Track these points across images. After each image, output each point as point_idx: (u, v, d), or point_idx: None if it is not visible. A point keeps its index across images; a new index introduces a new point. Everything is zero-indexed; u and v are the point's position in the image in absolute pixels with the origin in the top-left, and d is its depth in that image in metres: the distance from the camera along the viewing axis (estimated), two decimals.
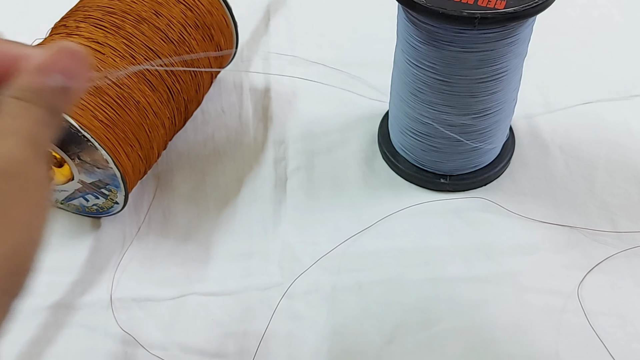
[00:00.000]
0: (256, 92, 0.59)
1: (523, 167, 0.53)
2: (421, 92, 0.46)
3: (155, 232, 0.49)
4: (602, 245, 0.47)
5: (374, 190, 0.52)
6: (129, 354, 0.42)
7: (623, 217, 0.49)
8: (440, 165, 0.50)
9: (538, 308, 0.44)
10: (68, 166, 0.45)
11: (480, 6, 0.39)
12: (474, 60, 0.42)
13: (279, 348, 0.43)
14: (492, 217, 0.49)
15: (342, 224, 0.49)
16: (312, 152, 0.54)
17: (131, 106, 0.45)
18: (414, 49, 0.44)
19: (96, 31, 0.46)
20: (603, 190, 0.51)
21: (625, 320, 0.43)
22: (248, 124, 0.57)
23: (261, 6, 0.68)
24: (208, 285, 0.46)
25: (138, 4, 0.48)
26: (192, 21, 0.50)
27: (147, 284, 0.46)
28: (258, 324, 0.44)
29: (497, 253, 0.47)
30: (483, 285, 0.45)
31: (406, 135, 0.50)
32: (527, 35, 0.44)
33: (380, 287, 0.45)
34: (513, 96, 0.48)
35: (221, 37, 0.53)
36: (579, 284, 0.45)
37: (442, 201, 0.50)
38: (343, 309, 0.44)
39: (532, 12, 0.39)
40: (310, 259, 0.47)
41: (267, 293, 0.45)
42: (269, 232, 0.49)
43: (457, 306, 0.44)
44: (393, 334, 0.43)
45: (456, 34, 0.41)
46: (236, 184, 0.52)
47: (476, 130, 0.47)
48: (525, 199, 0.50)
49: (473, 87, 0.44)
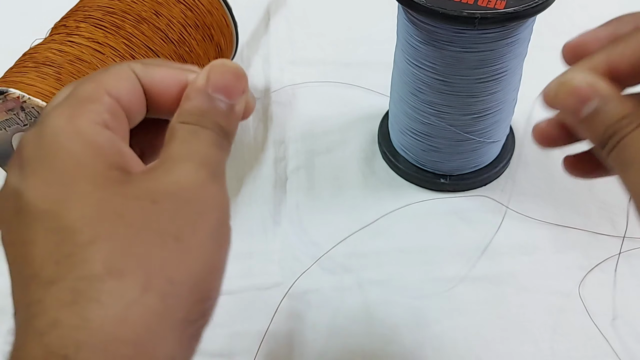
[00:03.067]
0: (256, 92, 0.59)
1: (523, 167, 0.53)
2: (421, 92, 0.46)
3: None
4: (602, 245, 0.47)
5: (374, 190, 0.52)
6: None
7: (623, 218, 0.49)
8: (440, 165, 0.50)
9: (538, 308, 0.44)
10: None
11: (480, 6, 0.39)
12: (474, 60, 0.42)
13: (280, 348, 0.43)
14: (492, 217, 0.49)
15: (342, 224, 0.49)
16: (312, 152, 0.54)
17: None
18: (414, 49, 0.44)
19: (96, 31, 0.46)
20: (603, 190, 0.51)
21: (626, 320, 0.43)
22: (248, 124, 0.57)
23: (261, 6, 0.68)
24: None
25: (138, 4, 0.48)
26: (192, 21, 0.50)
27: None
28: (258, 323, 0.43)
29: (497, 253, 0.47)
30: (483, 285, 0.45)
31: (406, 135, 0.50)
32: (527, 35, 0.44)
33: (380, 287, 0.45)
34: (513, 96, 0.48)
35: (221, 37, 0.53)
36: (578, 284, 0.45)
37: (442, 201, 0.50)
38: (343, 308, 0.44)
39: (532, 12, 0.39)
40: (310, 259, 0.47)
41: (268, 293, 0.45)
42: (269, 232, 0.49)
43: (457, 306, 0.44)
44: (393, 334, 0.43)
45: (456, 34, 0.41)
46: (236, 184, 0.52)
47: (476, 130, 0.47)
48: (525, 199, 0.50)
49: (473, 87, 0.44)
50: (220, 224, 0.23)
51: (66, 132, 0.22)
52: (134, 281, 0.20)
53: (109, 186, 0.21)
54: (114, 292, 0.20)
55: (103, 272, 0.20)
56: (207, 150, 0.23)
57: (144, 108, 0.25)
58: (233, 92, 0.24)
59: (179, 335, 0.21)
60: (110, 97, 0.23)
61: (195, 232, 0.21)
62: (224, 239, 0.23)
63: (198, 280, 0.21)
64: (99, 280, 0.20)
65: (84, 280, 0.20)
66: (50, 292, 0.20)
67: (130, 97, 0.24)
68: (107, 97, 0.23)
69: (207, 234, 0.22)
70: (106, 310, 0.19)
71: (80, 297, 0.19)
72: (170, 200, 0.21)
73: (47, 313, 0.19)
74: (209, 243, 0.22)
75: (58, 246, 0.20)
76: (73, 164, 0.21)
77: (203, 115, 0.24)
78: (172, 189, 0.22)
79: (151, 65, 0.25)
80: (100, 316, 0.19)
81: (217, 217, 0.22)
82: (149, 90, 0.25)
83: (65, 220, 0.20)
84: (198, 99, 0.24)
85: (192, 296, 0.21)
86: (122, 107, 0.24)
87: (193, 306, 0.21)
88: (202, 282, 0.22)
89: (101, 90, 0.23)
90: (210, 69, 0.24)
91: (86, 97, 0.23)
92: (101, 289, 0.20)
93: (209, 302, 0.22)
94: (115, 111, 0.23)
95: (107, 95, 0.23)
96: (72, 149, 0.22)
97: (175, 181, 0.22)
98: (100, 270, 0.20)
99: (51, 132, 0.22)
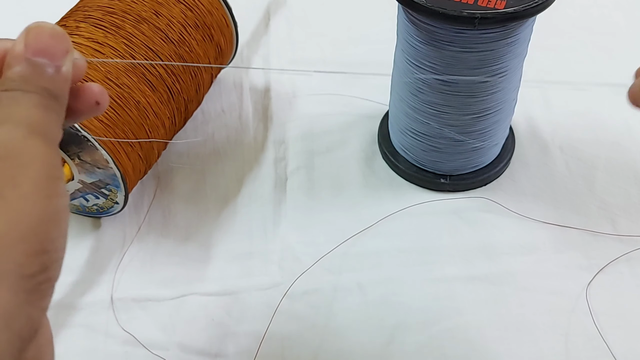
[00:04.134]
0: (256, 92, 0.59)
1: (523, 167, 0.53)
2: (421, 92, 0.46)
3: (156, 232, 0.49)
4: (602, 245, 0.47)
5: (374, 190, 0.52)
6: (129, 353, 0.43)
7: (623, 217, 0.49)
8: (440, 165, 0.50)
9: (537, 308, 0.44)
10: (68, 166, 0.45)
11: (480, 6, 0.39)
12: (474, 60, 0.42)
13: (280, 348, 0.43)
14: (492, 217, 0.49)
15: (342, 224, 0.49)
16: (312, 152, 0.54)
17: (131, 106, 0.45)
18: (414, 49, 0.44)
19: (96, 31, 0.46)
20: (603, 190, 0.51)
21: (627, 321, 0.43)
22: (248, 124, 0.57)
23: (261, 6, 0.68)
24: (208, 285, 0.46)
25: (138, 4, 0.48)
26: (192, 21, 0.50)
27: (147, 284, 0.46)
28: (258, 324, 0.43)
29: (497, 253, 0.47)
30: (483, 285, 0.45)
31: (406, 135, 0.50)
32: (527, 35, 0.44)
33: (380, 287, 0.45)
34: (513, 96, 0.48)
35: (221, 37, 0.53)
36: (579, 284, 0.45)
37: (442, 201, 0.50)
38: (343, 309, 0.44)
39: (532, 12, 0.39)
40: (310, 259, 0.47)
41: (268, 293, 0.45)
42: (269, 232, 0.49)
43: (457, 306, 0.44)
44: (393, 334, 0.43)
45: (456, 34, 0.41)
46: (236, 184, 0.52)
47: (476, 130, 0.47)
48: (525, 199, 0.50)
49: (473, 87, 0.44)
50: (45, 177, 0.22)
51: None
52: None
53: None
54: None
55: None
56: (26, 112, 0.23)
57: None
58: (54, 54, 0.24)
59: (12, 288, 0.21)
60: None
61: (15, 186, 0.21)
62: (52, 192, 0.22)
63: (26, 232, 0.21)
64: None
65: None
66: None
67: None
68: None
69: (29, 187, 0.22)
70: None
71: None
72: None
73: None
74: (32, 196, 0.22)
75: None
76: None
77: (25, 81, 0.24)
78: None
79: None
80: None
81: (38, 170, 0.22)
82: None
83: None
84: (18, 65, 0.24)
85: (20, 248, 0.21)
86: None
87: (25, 258, 0.21)
88: (33, 234, 0.21)
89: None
90: (26, 33, 0.24)
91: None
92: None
93: (46, 255, 0.22)
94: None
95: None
96: None
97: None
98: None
99: None
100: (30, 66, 0.24)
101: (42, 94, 0.24)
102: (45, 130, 0.23)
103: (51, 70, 0.24)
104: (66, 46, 0.25)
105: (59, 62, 0.24)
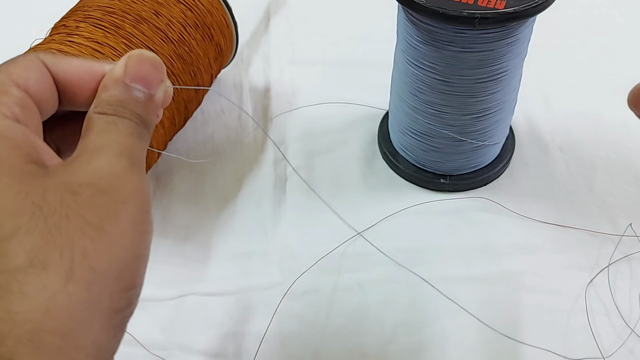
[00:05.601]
0: (256, 92, 0.59)
1: (523, 167, 0.53)
2: (421, 92, 0.46)
3: (155, 232, 0.48)
4: (602, 245, 0.47)
5: (374, 190, 0.52)
6: (129, 353, 0.42)
7: (623, 217, 0.49)
8: (440, 165, 0.50)
9: (537, 308, 0.44)
10: None
11: (480, 6, 0.39)
12: (473, 60, 0.42)
13: (280, 348, 0.43)
14: (492, 217, 0.49)
15: (342, 224, 0.49)
16: (312, 152, 0.54)
17: None
18: (414, 49, 0.44)
19: (96, 31, 0.46)
20: (603, 190, 0.51)
21: (627, 321, 0.43)
22: (248, 124, 0.57)
23: (261, 6, 0.68)
24: (208, 285, 0.46)
25: (138, 4, 0.48)
26: (192, 21, 0.50)
27: (147, 283, 0.45)
28: (258, 324, 0.43)
29: (497, 253, 0.47)
30: (483, 285, 0.45)
31: (406, 135, 0.50)
32: (527, 35, 0.44)
33: (380, 287, 0.45)
34: (513, 96, 0.48)
35: (221, 37, 0.53)
36: (579, 284, 0.45)
37: (442, 201, 0.50)
38: (343, 309, 0.44)
39: (532, 12, 0.39)
40: (310, 259, 0.47)
41: (267, 293, 0.45)
42: (268, 232, 0.49)
43: (457, 306, 0.44)
44: (393, 334, 0.43)
45: (456, 34, 0.41)
46: (236, 184, 0.52)
47: (476, 130, 0.47)
48: (525, 199, 0.50)
49: (473, 87, 0.44)
50: (142, 212, 0.23)
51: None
52: (56, 272, 0.20)
53: (27, 179, 0.21)
54: (38, 284, 0.20)
55: (25, 264, 0.20)
56: (125, 140, 0.23)
57: (55, 99, 0.25)
58: (151, 82, 0.24)
59: (105, 324, 0.21)
60: (19, 88, 0.23)
61: (116, 221, 0.21)
62: (146, 228, 0.23)
63: (122, 268, 0.21)
64: (22, 273, 0.20)
65: (6, 274, 0.20)
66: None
67: (40, 87, 0.24)
68: (16, 89, 0.23)
69: (128, 222, 0.22)
70: (30, 302, 0.19)
71: (3, 291, 0.19)
72: (89, 191, 0.21)
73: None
74: (130, 231, 0.22)
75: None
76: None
77: (121, 105, 0.24)
78: (90, 179, 0.22)
79: (62, 57, 0.25)
80: (24, 307, 0.19)
81: (137, 205, 0.22)
82: (60, 80, 0.24)
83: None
84: (116, 89, 0.24)
85: (116, 284, 0.21)
86: (31, 98, 0.23)
87: (118, 295, 0.21)
88: (126, 271, 0.22)
89: (8, 81, 0.23)
90: (128, 59, 0.24)
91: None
92: (24, 281, 0.20)
93: (133, 290, 0.22)
94: (25, 103, 0.23)
95: (15, 87, 0.23)
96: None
97: (94, 171, 0.22)
98: (23, 262, 0.20)
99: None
100: (128, 91, 0.24)
101: (136, 120, 0.24)
102: (141, 160, 0.23)
103: (144, 97, 0.24)
104: (162, 76, 0.25)
105: (153, 91, 0.25)
